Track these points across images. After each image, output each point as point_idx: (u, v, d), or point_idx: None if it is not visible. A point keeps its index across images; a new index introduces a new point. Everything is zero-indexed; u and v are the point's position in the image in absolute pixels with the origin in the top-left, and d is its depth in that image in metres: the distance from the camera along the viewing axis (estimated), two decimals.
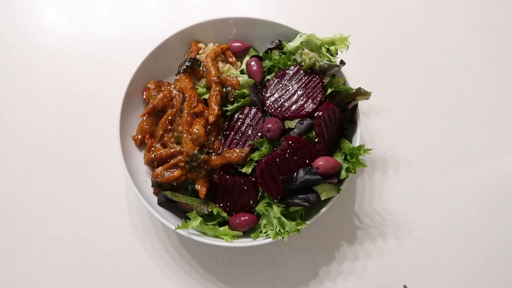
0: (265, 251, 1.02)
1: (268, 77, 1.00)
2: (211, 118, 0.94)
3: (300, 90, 0.95)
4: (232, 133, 0.96)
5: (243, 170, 0.92)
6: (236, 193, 0.93)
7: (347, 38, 0.98)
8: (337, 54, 0.99)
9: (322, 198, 0.88)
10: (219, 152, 0.96)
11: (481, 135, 1.14)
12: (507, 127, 1.15)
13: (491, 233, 1.03)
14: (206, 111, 0.96)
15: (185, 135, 0.95)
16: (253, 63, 1.00)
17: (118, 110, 1.01)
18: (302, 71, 0.97)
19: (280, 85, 0.97)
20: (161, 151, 0.99)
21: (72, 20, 1.30)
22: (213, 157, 0.94)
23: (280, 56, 1.01)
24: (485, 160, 1.11)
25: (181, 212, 0.94)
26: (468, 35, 1.27)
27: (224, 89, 0.99)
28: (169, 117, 1.02)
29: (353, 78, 0.98)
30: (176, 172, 0.95)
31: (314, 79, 0.95)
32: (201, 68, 1.04)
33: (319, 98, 0.93)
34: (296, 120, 0.92)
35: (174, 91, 1.04)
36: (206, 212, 0.89)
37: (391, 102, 1.18)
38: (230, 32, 1.11)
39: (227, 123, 0.97)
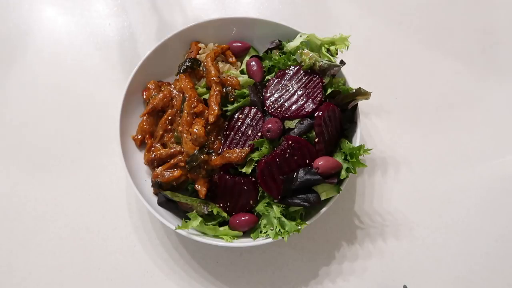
0: (265, 251, 1.02)
1: (268, 77, 1.00)
2: (211, 118, 0.94)
3: (300, 90, 0.95)
4: (232, 133, 0.96)
5: (243, 170, 0.92)
6: (236, 193, 0.93)
7: (347, 38, 0.98)
8: (337, 54, 0.99)
9: (322, 198, 0.88)
10: (219, 152, 0.96)
11: (481, 135, 1.14)
12: (507, 127, 1.15)
13: (491, 233, 1.03)
14: (206, 111, 0.96)
15: (185, 135, 0.95)
16: (253, 63, 1.00)
17: (118, 110, 1.01)
18: (302, 71, 0.97)
19: (280, 85, 0.97)
20: (161, 151, 0.99)
21: (72, 20, 1.30)
22: (213, 157, 0.94)
23: (280, 56, 1.01)
24: (485, 160, 1.11)
25: (181, 212, 0.94)
26: (468, 35, 1.27)
27: (224, 89, 0.99)
28: (169, 117, 1.02)
29: (353, 78, 0.98)
30: (176, 172, 0.95)
31: (314, 79, 0.95)
32: (201, 68, 1.04)
33: (319, 98, 0.93)
34: (296, 120, 0.92)
35: (174, 91, 1.04)
36: (206, 212, 0.89)
37: (391, 102, 1.18)
38: (230, 32, 1.11)
39: (227, 123, 0.97)
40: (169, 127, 1.03)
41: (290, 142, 0.88)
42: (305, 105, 0.93)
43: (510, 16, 1.29)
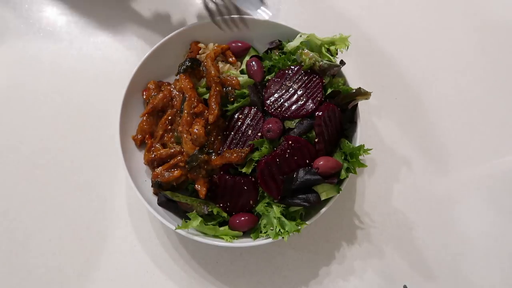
0: (265, 251, 1.02)
1: (268, 77, 1.00)
2: (211, 118, 0.94)
3: (300, 90, 0.95)
4: (232, 133, 0.96)
5: (243, 170, 0.92)
6: (236, 193, 0.93)
7: (347, 38, 0.98)
8: (337, 54, 0.99)
9: (322, 198, 0.88)
10: (219, 152, 0.96)
11: (481, 135, 1.14)
12: (507, 127, 1.15)
13: (491, 233, 1.03)
14: (206, 111, 0.96)
15: (185, 135, 0.95)
16: (253, 63, 1.00)
17: (118, 110, 1.01)
18: (302, 71, 0.97)
19: (280, 85, 0.97)
20: (161, 151, 0.99)
21: (72, 20, 1.30)
22: (213, 157, 0.94)
23: (280, 56, 1.01)
24: (485, 160, 1.11)
25: (181, 212, 0.94)
26: (468, 35, 1.27)
27: (224, 89, 0.99)
28: (169, 117, 1.02)
29: (353, 78, 0.98)
30: (176, 172, 0.95)
31: (314, 79, 0.95)
32: (201, 68, 1.04)
33: (319, 98, 0.93)
34: (296, 120, 0.92)
35: (174, 91, 1.04)
36: (206, 212, 0.89)
37: (391, 102, 1.18)
38: (230, 32, 1.11)
39: (227, 123, 0.97)
40: (169, 127, 1.03)
41: (290, 142, 0.88)
42: (305, 105, 0.93)
43: (511, 15, 1.29)
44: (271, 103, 0.95)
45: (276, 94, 0.96)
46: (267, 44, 1.06)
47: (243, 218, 0.92)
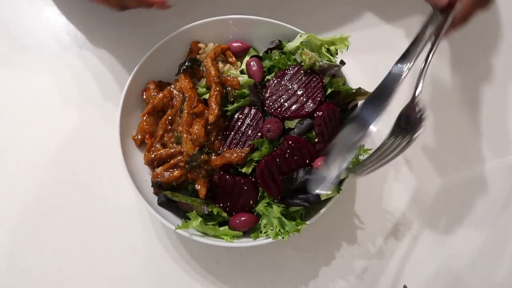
0: (265, 251, 1.02)
1: (268, 77, 1.00)
2: (211, 118, 0.94)
3: (300, 90, 0.95)
4: (232, 133, 0.96)
5: (243, 170, 0.92)
6: (236, 193, 0.93)
7: (347, 38, 0.98)
8: (337, 54, 0.99)
9: (322, 198, 0.88)
10: (219, 152, 0.96)
11: (481, 135, 1.14)
12: (507, 127, 1.15)
13: (491, 233, 1.03)
14: (206, 111, 0.96)
15: (185, 135, 0.95)
16: (253, 63, 1.00)
17: (118, 110, 1.01)
18: (302, 71, 0.97)
19: (280, 85, 0.97)
20: (161, 151, 0.99)
21: (71, 21, 1.30)
22: (213, 157, 0.94)
23: (280, 56, 1.01)
24: (485, 160, 1.11)
25: (181, 212, 0.94)
26: (468, 36, 1.27)
27: (224, 89, 0.99)
28: (169, 117, 1.02)
29: (353, 78, 0.98)
30: (176, 172, 0.95)
31: (314, 79, 0.95)
32: (201, 68, 1.04)
33: (319, 98, 0.93)
34: (296, 120, 0.92)
35: (174, 91, 1.04)
36: (206, 212, 0.89)
37: (391, 102, 1.18)
38: (230, 32, 1.11)
39: (227, 123, 0.97)
40: (169, 127, 1.03)
41: (290, 142, 0.88)
42: (305, 105, 0.93)
43: (511, 16, 1.29)
44: (271, 103, 0.95)
45: (276, 94, 0.96)
46: (267, 44, 1.06)
47: (243, 218, 0.92)
